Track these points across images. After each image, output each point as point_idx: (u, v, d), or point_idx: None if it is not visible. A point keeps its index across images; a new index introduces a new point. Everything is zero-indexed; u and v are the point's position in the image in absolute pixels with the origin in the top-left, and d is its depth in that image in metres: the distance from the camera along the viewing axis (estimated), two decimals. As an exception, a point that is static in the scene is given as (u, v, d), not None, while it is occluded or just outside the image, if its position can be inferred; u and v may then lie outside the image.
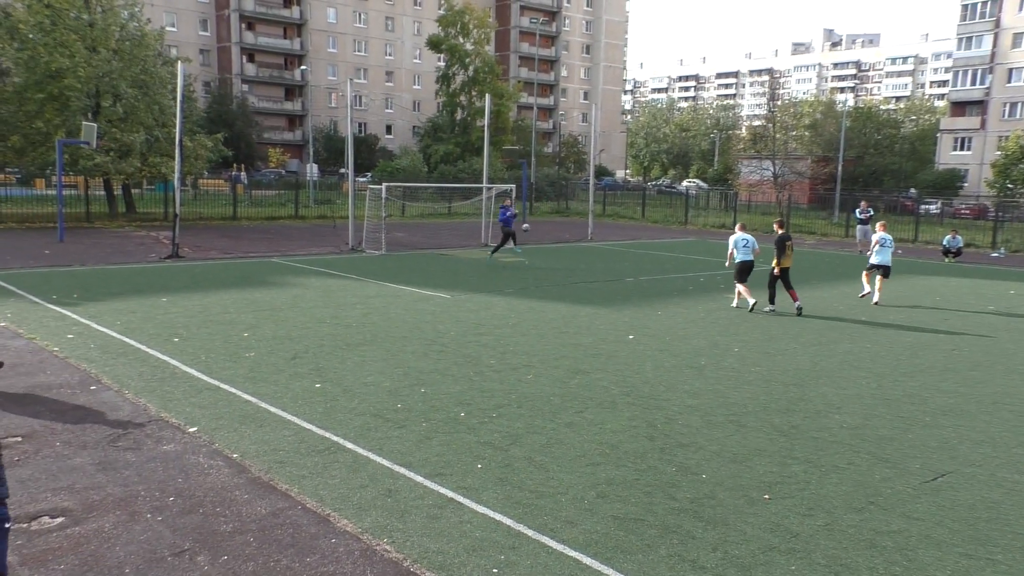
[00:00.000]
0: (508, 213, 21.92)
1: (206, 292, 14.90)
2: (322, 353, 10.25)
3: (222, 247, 22.85)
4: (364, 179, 47.76)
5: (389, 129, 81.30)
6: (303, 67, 72.59)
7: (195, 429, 7.23)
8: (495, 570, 4.86)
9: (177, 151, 20.46)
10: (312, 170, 49.49)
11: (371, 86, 79.70)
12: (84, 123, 24.23)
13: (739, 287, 14.80)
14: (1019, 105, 60.60)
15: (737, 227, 15.64)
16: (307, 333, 11.46)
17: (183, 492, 5.88)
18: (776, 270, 14.51)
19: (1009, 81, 61.34)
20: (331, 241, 25.24)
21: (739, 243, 14.86)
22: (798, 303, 14.40)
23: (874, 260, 16.27)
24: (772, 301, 14.68)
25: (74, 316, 12.17)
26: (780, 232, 14.71)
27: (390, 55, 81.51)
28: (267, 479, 6.16)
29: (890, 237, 16.48)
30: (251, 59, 73.80)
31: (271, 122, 74.15)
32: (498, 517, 5.58)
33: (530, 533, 5.36)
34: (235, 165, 57.09)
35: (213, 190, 39.97)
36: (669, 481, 6.34)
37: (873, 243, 16.53)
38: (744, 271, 14.75)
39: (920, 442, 7.48)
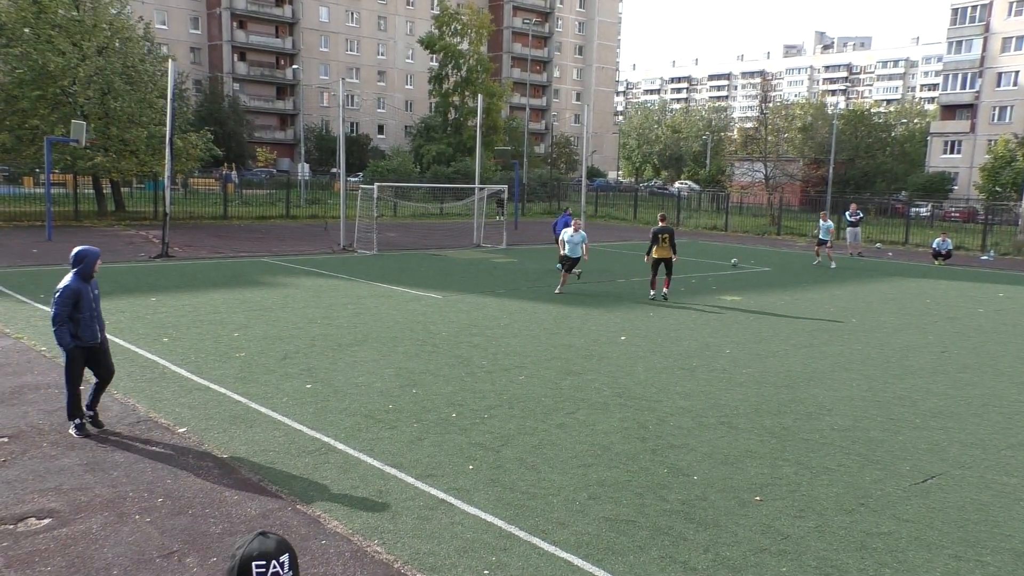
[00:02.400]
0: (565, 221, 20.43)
1: (196, 291, 14.81)
2: (313, 353, 10.20)
3: (212, 246, 22.73)
4: (355, 179, 47.65)
5: (381, 129, 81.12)
6: (295, 66, 72.25)
7: (184, 429, 7.18)
8: (486, 571, 4.84)
9: (167, 149, 20.35)
10: (303, 169, 49.34)
11: (363, 86, 79.52)
12: (73, 121, 24.07)
13: (564, 274, 16.43)
14: (1008, 109, 61.01)
15: (574, 223, 16.91)
16: (298, 333, 11.40)
17: (172, 493, 5.83)
18: (647, 259, 15.87)
19: (998, 85, 61.72)
20: (322, 241, 25.15)
21: (573, 239, 16.25)
22: (659, 291, 15.82)
23: (823, 237, 23.97)
24: (653, 287, 15.92)
25: (62, 315, 12.06)
26: (661, 224, 15.87)
27: (382, 55, 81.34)
28: (257, 480, 6.13)
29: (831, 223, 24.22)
30: (242, 58, 73.49)
31: (262, 121, 73.83)
32: (489, 518, 5.56)
33: (521, 534, 5.34)
34: (226, 164, 56.85)
35: (203, 189, 39.77)
36: (660, 482, 6.33)
37: (824, 227, 23.81)
38: (571, 262, 16.28)
39: (910, 444, 7.51)
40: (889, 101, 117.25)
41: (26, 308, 12.59)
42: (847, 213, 28.80)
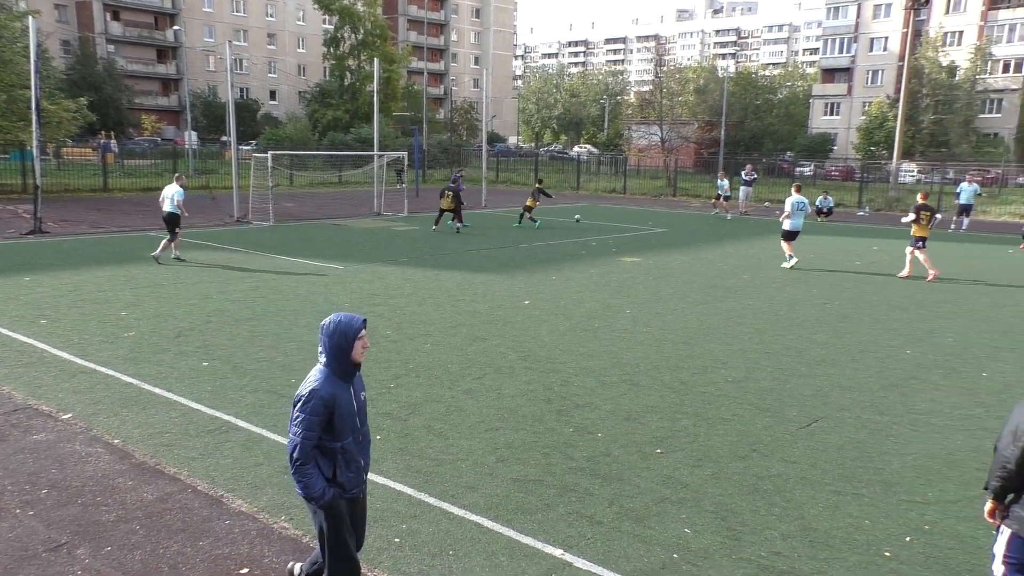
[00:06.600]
0: (458, 185, 22.29)
1: (76, 269, 13.89)
2: (209, 330, 9.80)
3: (92, 221, 21.33)
4: (248, 147, 45.62)
5: (273, 95, 77.78)
6: (176, 27, 67.92)
7: (69, 416, 6.77)
8: (396, 539, 4.85)
9: (34, 116, 18.81)
10: (191, 138, 46.81)
11: (252, 49, 75.74)
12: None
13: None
14: (880, 72, 64.76)
15: (176, 178, 16.90)
16: (192, 310, 10.92)
17: (58, 483, 5.51)
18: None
19: (871, 50, 65.37)
20: (214, 213, 24.04)
21: (165, 195, 16.31)
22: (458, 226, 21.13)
23: (720, 192, 25.71)
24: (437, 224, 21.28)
25: (-78, 300, 11.07)
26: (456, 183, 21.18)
27: (271, 16, 77.64)
28: (153, 464, 5.87)
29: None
30: (116, 17, 68.37)
31: (143, 86, 69.16)
32: (399, 487, 5.56)
33: (431, 501, 5.37)
34: (104, 132, 53.13)
35: (80, 159, 37.12)
36: (566, 441, 6.50)
37: (721, 185, 25.29)
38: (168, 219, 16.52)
39: (797, 391, 8.00)
40: (775, 65, 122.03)
41: None
42: (743, 172, 29.93)
